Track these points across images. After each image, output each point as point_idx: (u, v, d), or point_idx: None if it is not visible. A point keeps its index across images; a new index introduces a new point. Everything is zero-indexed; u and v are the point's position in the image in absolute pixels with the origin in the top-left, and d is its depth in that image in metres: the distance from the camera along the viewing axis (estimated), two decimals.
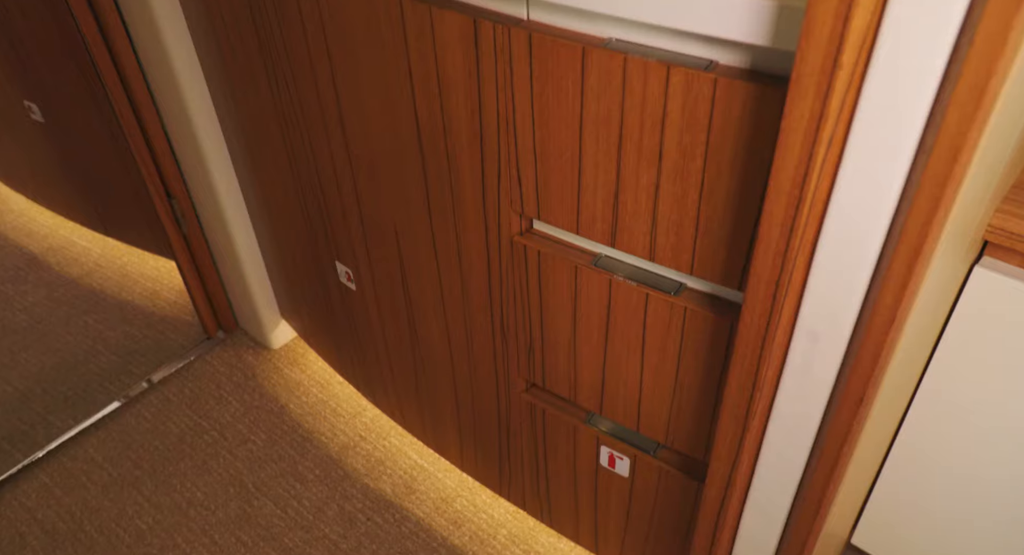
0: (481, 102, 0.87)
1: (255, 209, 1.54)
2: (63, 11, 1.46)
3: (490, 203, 0.96)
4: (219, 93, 1.36)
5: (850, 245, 0.62)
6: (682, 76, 0.70)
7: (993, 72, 0.46)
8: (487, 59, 0.82)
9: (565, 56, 0.76)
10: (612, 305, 0.92)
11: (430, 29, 0.85)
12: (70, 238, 2.14)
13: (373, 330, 1.39)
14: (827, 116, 0.55)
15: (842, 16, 0.51)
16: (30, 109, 1.79)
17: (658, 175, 0.77)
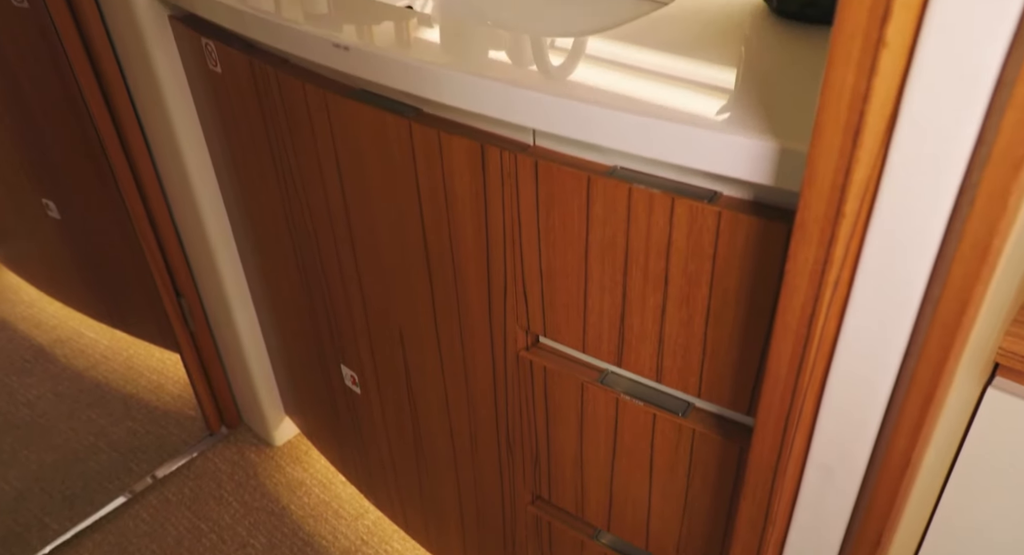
0: (488, 222, 0.88)
1: (262, 308, 1.54)
2: (83, 113, 1.51)
3: (496, 317, 0.96)
4: (230, 196, 1.38)
5: (860, 385, 0.61)
6: (686, 208, 0.70)
7: (995, 232, 0.46)
8: (494, 182, 0.84)
9: (570, 183, 0.77)
10: (619, 423, 0.91)
11: (438, 151, 0.87)
12: (78, 329, 2.14)
13: (377, 433, 1.37)
14: (832, 261, 0.55)
15: (843, 169, 0.51)
16: (47, 206, 1.83)
17: (664, 299, 0.77)
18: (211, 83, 1.19)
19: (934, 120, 0.47)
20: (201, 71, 1.20)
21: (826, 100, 0.50)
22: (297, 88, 1.00)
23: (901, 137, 0.49)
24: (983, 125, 0.46)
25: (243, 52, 1.07)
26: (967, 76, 0.45)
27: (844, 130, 0.50)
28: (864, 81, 0.48)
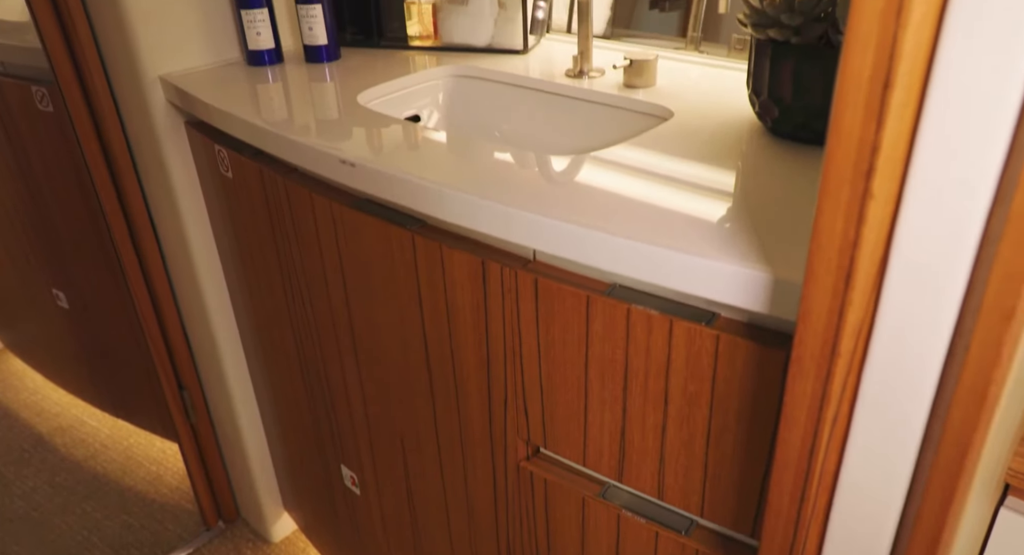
0: (488, 334, 0.88)
1: (264, 404, 1.53)
2: (97, 209, 1.54)
3: (496, 427, 0.95)
4: (237, 294, 1.40)
5: (865, 521, 0.59)
6: (684, 330, 0.70)
7: (991, 380, 0.46)
8: (495, 296, 0.85)
9: (570, 301, 0.78)
10: (621, 539, 0.88)
11: (440, 264, 0.88)
12: (80, 417, 2.13)
13: (376, 536, 1.34)
14: (830, 397, 0.55)
15: (836, 309, 0.52)
16: (57, 296, 1.85)
17: (664, 418, 0.77)
18: (222, 187, 1.22)
19: (924, 266, 0.48)
20: (213, 175, 1.24)
21: (817, 244, 0.50)
22: (304, 197, 1.02)
23: (893, 281, 0.49)
24: (972, 273, 0.46)
25: (254, 160, 1.10)
26: (953, 228, 0.45)
27: (836, 273, 0.51)
28: (853, 229, 0.48)
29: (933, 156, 0.44)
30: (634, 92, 1.08)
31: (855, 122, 0.45)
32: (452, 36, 1.32)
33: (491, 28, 1.30)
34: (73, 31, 1.25)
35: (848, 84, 0.45)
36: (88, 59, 1.27)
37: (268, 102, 1.15)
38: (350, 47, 1.36)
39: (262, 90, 1.19)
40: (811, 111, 0.83)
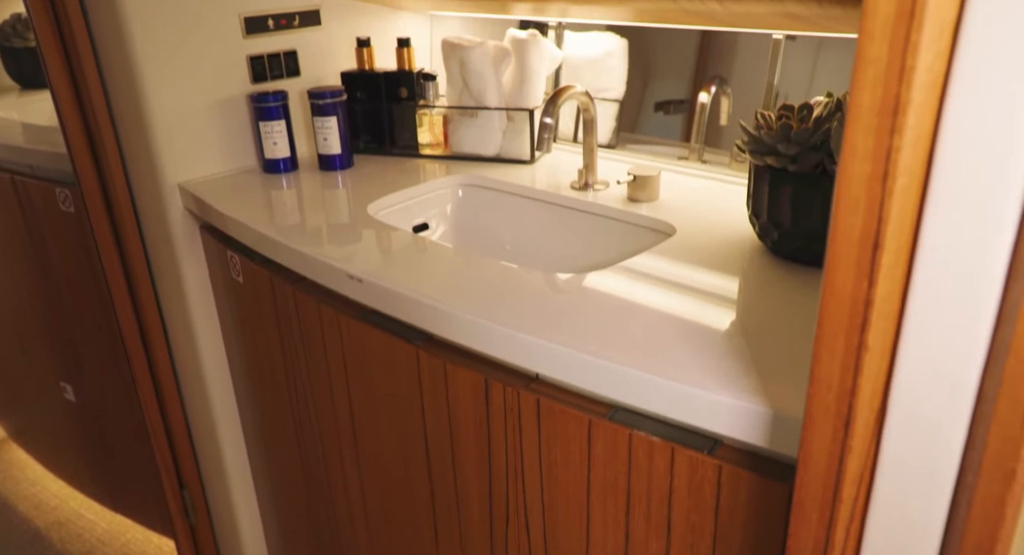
0: (491, 451, 0.88)
1: (266, 508, 1.51)
2: (109, 306, 1.56)
3: (498, 543, 0.93)
4: (243, 395, 1.40)
5: None
6: (686, 458, 0.70)
7: (997, 539, 0.45)
8: (497, 414, 0.84)
9: (572, 424, 0.77)
10: None
11: (444, 380, 0.89)
12: (78, 511, 2.09)
13: None
14: (833, 544, 0.54)
15: (836, 455, 0.51)
16: (64, 388, 1.85)
17: (667, 547, 0.75)
18: (233, 291, 1.24)
19: (923, 418, 0.48)
20: (225, 279, 1.26)
21: (815, 391, 0.51)
22: (312, 306, 1.04)
23: (892, 430, 0.49)
24: (971, 428, 0.46)
25: (264, 267, 1.12)
26: (949, 383, 0.46)
27: (835, 419, 0.51)
28: (850, 378, 0.49)
29: (926, 313, 0.45)
30: (638, 206, 1.10)
31: (847, 279, 0.47)
32: (462, 146, 1.36)
33: (499, 139, 1.34)
34: (99, 138, 1.31)
35: (839, 244, 0.46)
36: (111, 165, 1.31)
37: (281, 210, 1.19)
38: (363, 154, 1.41)
39: (276, 197, 1.23)
40: (810, 235, 0.85)
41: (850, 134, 0.44)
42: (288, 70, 1.36)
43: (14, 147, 1.61)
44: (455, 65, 1.32)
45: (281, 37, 1.34)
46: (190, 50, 1.23)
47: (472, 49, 1.28)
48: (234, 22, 1.27)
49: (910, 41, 0.40)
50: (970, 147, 0.41)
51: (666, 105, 1.38)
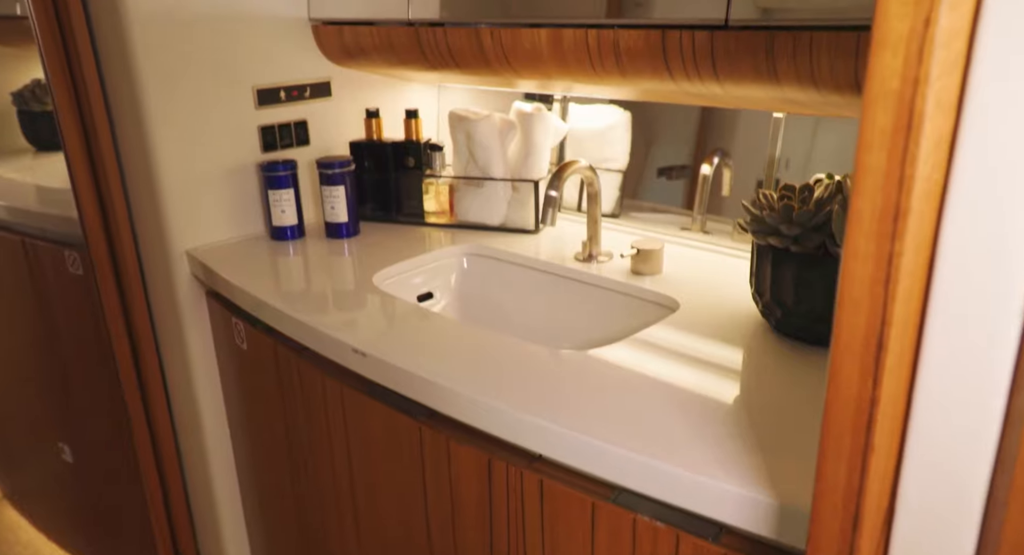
0: (492, 529, 0.86)
1: None
2: (113, 369, 1.56)
3: None
4: (242, 461, 1.38)
5: None
6: (691, 546, 0.69)
7: None
8: (499, 493, 0.83)
9: (575, 506, 0.76)
10: None
11: (447, 457, 0.88)
12: None
13: None
14: None
15: (847, 537, 0.51)
16: (62, 450, 1.84)
17: None
18: (237, 357, 1.24)
19: (931, 521, 0.47)
20: (229, 345, 1.26)
21: (821, 489, 0.50)
22: (316, 378, 1.04)
23: (901, 532, 0.48)
24: (982, 534, 0.46)
25: (268, 335, 1.12)
26: (956, 487, 0.45)
27: (843, 517, 0.50)
28: (857, 479, 0.48)
29: (932, 415, 0.45)
30: (641, 279, 1.11)
31: (852, 379, 0.47)
32: (467, 215, 1.38)
33: (504, 209, 1.36)
34: (109, 203, 1.33)
35: (843, 343, 0.46)
36: (120, 230, 1.33)
37: (287, 277, 1.20)
38: (369, 222, 1.43)
39: (283, 265, 1.24)
40: (814, 315, 0.85)
41: (851, 237, 0.45)
42: (298, 139, 1.39)
43: (25, 210, 1.63)
44: (462, 136, 1.35)
45: (292, 108, 1.37)
46: (203, 120, 1.26)
47: (479, 122, 1.31)
48: (247, 94, 1.30)
49: (908, 152, 0.41)
50: (969, 254, 0.41)
51: (668, 171, 1.41)
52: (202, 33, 1.23)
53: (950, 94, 0.40)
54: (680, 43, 0.89)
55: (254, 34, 1.29)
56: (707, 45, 0.86)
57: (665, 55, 0.91)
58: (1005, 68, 0.38)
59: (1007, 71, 0.38)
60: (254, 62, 1.30)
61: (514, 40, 1.06)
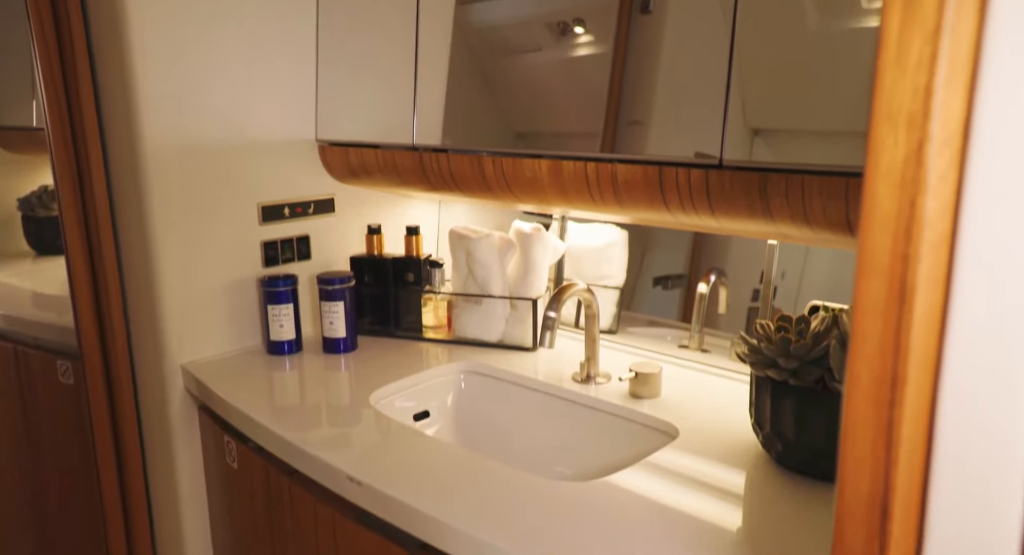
0: None
1: None
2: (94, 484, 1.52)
3: None
4: None
5: None
6: None
7: None
8: None
9: None
10: None
11: None
12: None
13: None
14: None
15: None
16: None
17: None
18: (226, 476, 1.22)
19: None
20: (219, 462, 1.24)
21: None
22: (307, 502, 1.01)
23: None
24: None
25: (260, 455, 1.10)
26: None
27: None
28: None
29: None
30: (640, 403, 1.10)
31: (857, 541, 0.46)
32: (465, 331, 1.39)
33: (502, 326, 1.37)
34: (108, 315, 1.33)
35: (847, 505, 0.46)
36: (117, 341, 1.33)
37: (283, 394, 1.19)
38: (367, 335, 1.43)
39: (278, 381, 1.23)
40: (815, 450, 0.84)
41: (851, 400, 0.45)
42: (300, 254, 1.41)
43: (20, 318, 1.63)
44: (461, 254, 1.37)
45: (296, 223, 1.40)
46: (207, 235, 1.28)
47: (478, 241, 1.34)
48: (252, 210, 1.33)
49: (902, 322, 0.42)
50: (969, 421, 0.42)
51: (664, 281, 1.42)
52: (212, 156, 1.27)
53: (939, 269, 0.41)
54: (676, 178, 0.92)
55: (262, 155, 1.33)
56: (703, 181, 0.90)
57: (662, 189, 0.94)
58: (987, 248, 0.39)
59: (990, 250, 0.39)
60: (260, 180, 1.33)
61: (515, 169, 1.10)
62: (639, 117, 0.99)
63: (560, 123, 1.11)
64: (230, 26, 1.25)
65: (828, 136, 0.84)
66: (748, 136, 0.89)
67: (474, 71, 1.22)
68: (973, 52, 0.39)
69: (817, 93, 0.84)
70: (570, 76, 1.09)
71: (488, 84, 1.21)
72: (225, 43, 1.25)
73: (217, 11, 1.23)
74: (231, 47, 1.26)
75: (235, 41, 1.26)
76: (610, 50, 1.01)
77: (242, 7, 1.26)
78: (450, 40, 1.21)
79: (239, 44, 1.26)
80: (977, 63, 0.39)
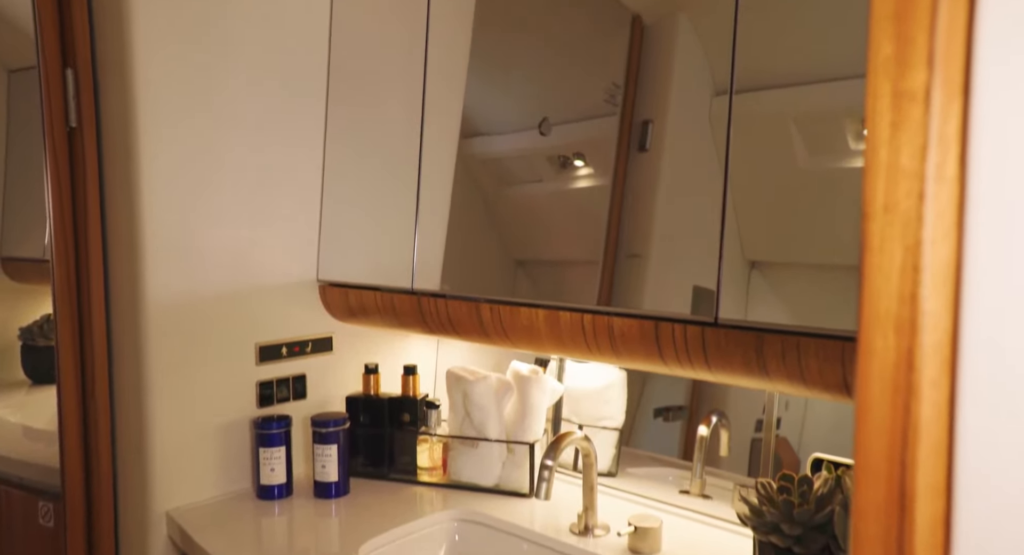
0: None
1: None
2: None
3: None
4: None
5: None
6: None
7: None
8: None
9: None
10: None
11: None
12: None
13: None
14: None
15: None
16: None
17: None
18: None
19: None
20: None
21: None
22: None
23: None
24: None
25: None
26: None
27: None
28: None
29: None
30: None
31: None
32: (460, 474, 1.35)
33: (498, 470, 1.33)
34: (95, 453, 1.30)
35: None
36: (102, 482, 1.29)
37: (270, 544, 1.14)
38: (360, 477, 1.39)
39: (266, 530, 1.19)
40: None
41: None
42: (295, 393, 1.40)
43: (6, 457, 1.60)
44: (458, 395, 1.36)
45: (293, 362, 1.39)
46: (202, 376, 1.27)
47: (476, 383, 1.33)
48: (249, 351, 1.33)
49: (904, 528, 0.41)
50: None
51: (665, 412, 1.40)
52: (213, 301, 1.28)
53: (938, 476, 0.40)
54: (672, 333, 0.92)
55: (263, 297, 1.34)
56: (698, 337, 0.90)
57: (658, 342, 0.94)
58: (984, 457, 0.39)
59: (987, 460, 0.39)
60: (259, 321, 1.34)
61: (512, 317, 1.11)
62: (638, 250, 1.01)
63: (560, 251, 1.12)
64: (234, 171, 1.29)
65: (823, 269, 0.85)
66: (746, 268, 0.90)
67: (476, 202, 1.25)
68: (955, 259, 0.40)
69: (811, 227, 0.86)
70: (570, 206, 1.11)
71: (489, 213, 1.24)
72: (230, 188, 1.29)
73: (223, 158, 1.27)
74: (235, 192, 1.29)
75: (239, 186, 1.30)
76: (609, 183, 1.04)
77: (246, 156, 1.30)
78: (453, 175, 1.24)
79: (243, 189, 1.30)
80: (960, 270, 0.40)
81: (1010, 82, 0.38)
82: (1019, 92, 0.38)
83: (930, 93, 0.38)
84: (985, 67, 0.38)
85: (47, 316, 2.17)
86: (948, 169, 0.38)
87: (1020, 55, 0.38)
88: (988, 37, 0.38)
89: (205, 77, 1.24)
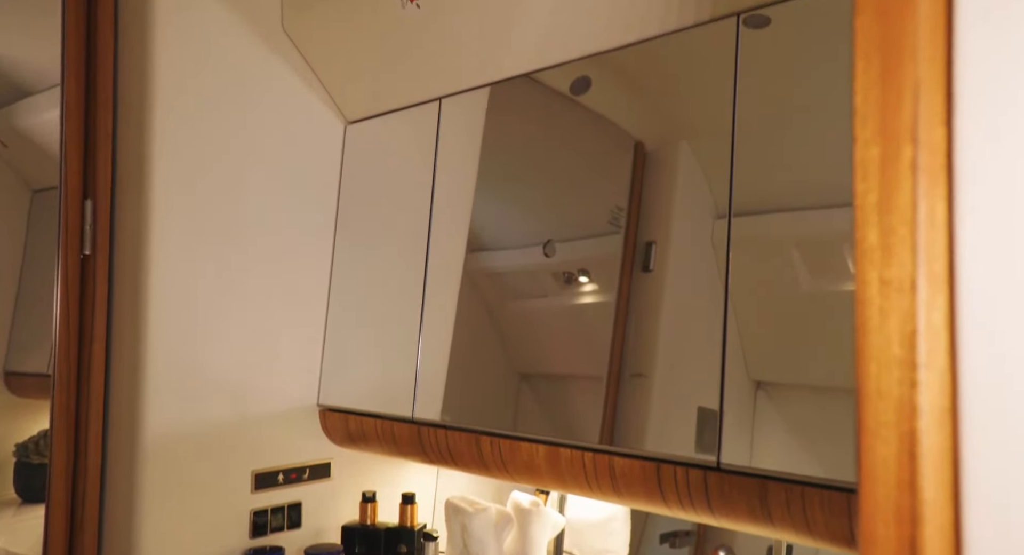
0: None
1: None
2: None
3: None
4: None
5: None
6: None
7: None
8: None
9: None
10: None
11: None
12: None
13: None
14: None
15: None
16: None
17: None
18: None
19: None
20: None
21: None
22: None
23: None
24: None
25: None
26: None
27: None
28: None
29: None
30: None
31: None
32: None
33: None
34: None
35: None
36: None
37: None
38: None
39: None
40: None
41: None
42: (290, 522, 1.36)
43: None
44: (457, 527, 1.32)
45: (289, 490, 1.36)
46: (195, 506, 1.24)
47: (475, 514, 1.29)
48: (245, 478, 1.30)
49: None
50: None
51: (672, 538, 1.34)
52: (211, 431, 1.26)
53: None
54: (675, 476, 0.91)
55: (261, 424, 1.33)
56: (701, 482, 0.88)
57: (660, 484, 0.93)
58: None
59: None
60: (256, 448, 1.32)
61: (512, 451, 1.09)
62: (643, 370, 1.00)
63: (565, 365, 1.11)
64: (242, 297, 1.30)
65: (829, 392, 0.84)
66: (751, 388, 0.89)
67: (481, 316, 1.25)
68: (951, 395, 0.39)
69: (815, 349, 0.85)
70: (575, 321, 1.11)
71: (494, 327, 1.23)
72: (236, 313, 1.30)
73: (231, 284, 1.29)
74: (241, 317, 1.30)
75: (246, 311, 1.31)
76: (613, 300, 1.04)
77: (253, 282, 1.32)
78: (457, 294, 1.25)
79: (249, 313, 1.31)
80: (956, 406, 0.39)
81: (992, 273, 0.39)
82: (1002, 282, 0.39)
83: (916, 283, 0.40)
84: (968, 263, 0.39)
85: (44, 431, 2.15)
86: (938, 358, 0.39)
87: (1001, 245, 0.39)
88: (970, 233, 0.39)
89: (218, 207, 1.27)
